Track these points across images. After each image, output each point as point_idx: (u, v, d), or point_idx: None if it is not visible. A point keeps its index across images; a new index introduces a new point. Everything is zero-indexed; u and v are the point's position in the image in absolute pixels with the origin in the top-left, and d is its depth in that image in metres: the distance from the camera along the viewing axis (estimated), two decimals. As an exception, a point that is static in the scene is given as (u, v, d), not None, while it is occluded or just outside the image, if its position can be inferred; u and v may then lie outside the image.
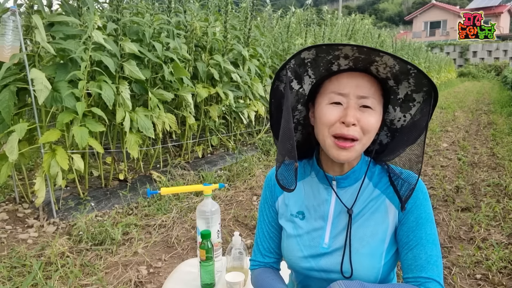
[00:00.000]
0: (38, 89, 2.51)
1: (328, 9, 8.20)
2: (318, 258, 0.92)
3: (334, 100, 0.84)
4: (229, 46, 4.39)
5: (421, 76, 0.81)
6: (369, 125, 0.83)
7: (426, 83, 0.82)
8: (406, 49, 14.34)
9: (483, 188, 3.82)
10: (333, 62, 0.85)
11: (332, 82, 0.86)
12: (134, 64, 3.10)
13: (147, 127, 3.16)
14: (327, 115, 0.84)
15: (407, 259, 0.86)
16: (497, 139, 6.15)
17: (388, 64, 0.81)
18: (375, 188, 0.92)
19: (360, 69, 0.84)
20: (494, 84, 19.96)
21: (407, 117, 0.91)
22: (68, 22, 2.81)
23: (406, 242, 0.87)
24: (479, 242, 2.69)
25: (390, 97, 0.90)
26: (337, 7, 17.88)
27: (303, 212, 0.96)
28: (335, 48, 0.80)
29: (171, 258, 2.51)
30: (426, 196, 0.90)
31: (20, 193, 3.22)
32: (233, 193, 3.61)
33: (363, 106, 0.84)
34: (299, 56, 0.84)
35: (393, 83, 0.87)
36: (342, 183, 0.93)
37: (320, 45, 0.80)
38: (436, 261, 0.84)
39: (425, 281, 0.83)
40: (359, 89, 0.83)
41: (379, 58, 0.80)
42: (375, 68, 0.84)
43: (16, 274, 2.20)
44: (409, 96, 0.88)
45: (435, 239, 0.87)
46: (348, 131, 0.82)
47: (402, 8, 61.90)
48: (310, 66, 0.88)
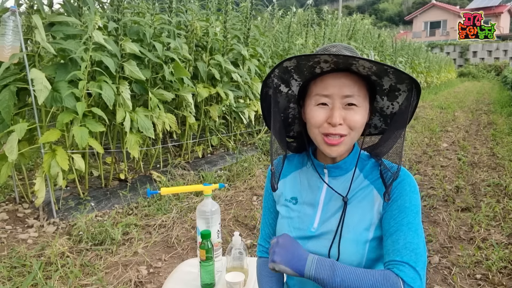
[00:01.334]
0: (38, 89, 2.51)
1: (328, 9, 8.20)
2: (305, 240, 0.96)
3: (320, 102, 0.89)
4: (229, 46, 4.39)
5: (399, 72, 0.86)
6: (355, 122, 0.88)
7: (406, 77, 0.87)
8: (406, 49, 14.32)
9: (483, 188, 3.82)
10: (315, 66, 0.90)
11: (317, 84, 0.91)
12: (135, 64, 3.10)
13: (147, 127, 3.16)
14: (314, 117, 0.90)
15: (386, 245, 0.88)
16: (497, 139, 6.15)
17: (365, 66, 0.85)
18: (365, 179, 0.96)
19: (342, 69, 0.89)
20: (494, 84, 19.96)
21: (395, 105, 0.97)
22: (68, 22, 2.81)
23: (387, 229, 0.89)
24: (479, 242, 2.69)
25: (376, 88, 0.95)
26: (337, 7, 17.86)
27: (296, 198, 1.02)
28: (314, 56, 0.85)
29: (171, 258, 2.51)
30: (413, 188, 0.92)
31: (20, 193, 3.22)
32: (233, 193, 3.61)
33: (348, 104, 0.88)
34: (281, 65, 0.91)
35: (375, 77, 0.91)
36: (333, 172, 0.98)
37: (300, 56, 0.85)
38: (415, 248, 0.84)
39: (397, 264, 0.83)
40: (343, 89, 0.87)
41: (355, 62, 0.84)
42: (356, 68, 0.88)
43: (16, 274, 2.20)
44: (393, 87, 0.93)
45: (417, 228, 0.87)
46: (335, 130, 0.88)
47: (402, 8, 61.89)
48: (294, 72, 0.94)
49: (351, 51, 0.93)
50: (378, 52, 10.39)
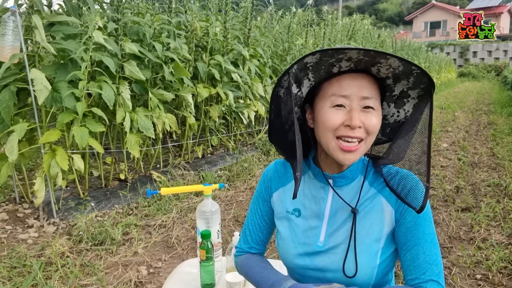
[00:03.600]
0: (38, 89, 2.51)
1: (328, 9, 8.19)
2: (313, 256, 0.92)
3: (337, 103, 0.83)
4: (229, 46, 4.39)
5: (422, 75, 0.81)
6: (373, 126, 0.83)
7: (426, 81, 0.82)
8: (406, 49, 14.34)
9: (483, 188, 3.82)
10: (334, 65, 0.83)
11: (333, 84, 0.84)
12: (135, 64, 3.10)
13: (147, 127, 3.16)
14: (331, 120, 0.83)
15: (406, 260, 0.86)
16: (497, 139, 6.15)
17: (392, 65, 0.80)
18: (371, 187, 0.92)
19: (360, 69, 0.83)
20: (494, 84, 19.96)
21: (401, 112, 0.92)
22: (68, 22, 2.81)
23: (404, 242, 0.87)
24: (479, 242, 2.69)
25: (386, 94, 0.90)
26: (337, 7, 17.88)
27: (299, 210, 0.96)
28: (341, 51, 0.78)
29: (171, 258, 2.51)
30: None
31: (20, 193, 3.22)
32: (233, 193, 3.61)
33: (366, 107, 0.83)
34: (302, 61, 0.82)
35: (391, 81, 0.86)
36: (339, 182, 0.92)
37: (326, 50, 0.77)
38: (435, 260, 0.84)
39: (424, 282, 0.83)
40: (362, 90, 0.82)
41: (384, 60, 0.79)
42: (376, 69, 0.83)
43: (16, 274, 2.20)
44: (404, 93, 0.88)
45: (433, 238, 0.86)
46: (353, 133, 0.82)
47: (402, 8, 61.88)
48: (311, 69, 0.86)
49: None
50: (378, 52, 10.37)
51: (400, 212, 0.88)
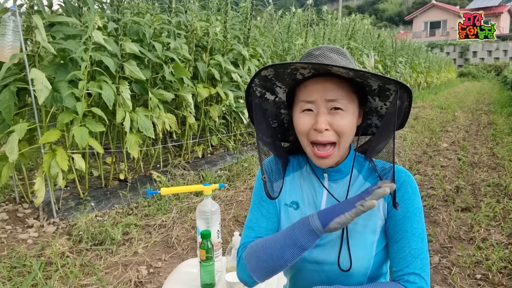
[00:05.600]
0: (38, 89, 2.51)
1: (328, 9, 8.19)
2: (310, 249, 0.92)
3: (305, 108, 0.87)
4: (229, 46, 4.39)
5: (377, 77, 0.82)
6: (342, 127, 0.85)
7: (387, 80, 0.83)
8: (406, 49, 14.32)
9: (483, 188, 3.82)
10: (295, 73, 0.87)
11: (301, 90, 0.88)
12: (135, 64, 3.10)
13: (147, 127, 3.16)
14: (300, 124, 0.88)
15: (392, 252, 0.88)
16: (497, 139, 6.15)
17: (342, 72, 0.82)
18: (366, 181, 0.94)
19: (323, 73, 0.86)
20: (494, 84, 19.96)
21: (388, 104, 0.93)
22: (68, 22, 2.82)
23: (392, 235, 0.89)
24: (479, 242, 2.69)
25: (366, 89, 0.91)
26: (337, 7, 17.88)
27: (297, 203, 0.97)
28: (288, 65, 0.82)
29: (171, 258, 2.51)
30: (415, 190, 0.91)
31: (20, 193, 3.22)
32: (233, 193, 3.61)
33: (333, 108, 0.85)
34: (259, 74, 0.88)
35: (360, 79, 0.87)
36: (334, 175, 0.95)
37: (275, 64, 0.83)
38: (420, 254, 0.85)
39: (405, 275, 0.84)
40: (326, 94, 0.85)
41: (330, 68, 0.80)
42: (336, 72, 0.84)
43: (16, 274, 2.20)
44: (383, 87, 0.89)
45: (421, 233, 0.87)
46: (322, 137, 0.85)
47: (402, 8, 61.89)
48: (275, 80, 0.91)
49: (337, 51, 0.90)
50: (378, 52, 10.39)
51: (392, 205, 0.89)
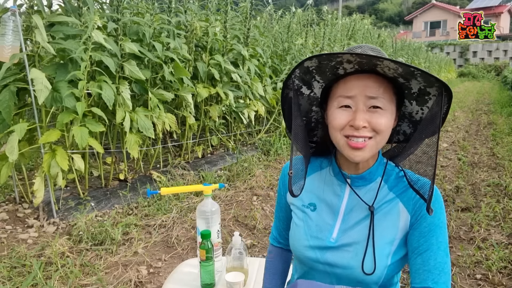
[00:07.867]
0: (38, 89, 2.51)
1: (328, 9, 8.19)
2: (324, 251, 0.92)
3: (343, 104, 0.85)
4: (228, 46, 4.39)
5: (427, 75, 0.80)
6: (380, 125, 0.84)
7: (435, 81, 0.81)
8: (406, 49, 14.33)
9: (483, 188, 3.82)
10: (338, 67, 0.85)
11: (340, 85, 0.86)
12: (134, 64, 3.10)
13: (147, 127, 3.16)
14: (336, 120, 0.86)
15: (416, 264, 0.86)
16: (497, 139, 6.15)
17: (390, 67, 0.81)
18: (390, 192, 0.92)
19: (366, 70, 0.84)
20: (494, 84, 19.96)
21: (425, 110, 0.91)
22: (68, 22, 2.81)
23: (416, 247, 0.87)
24: (479, 242, 2.69)
25: (405, 92, 0.89)
26: (337, 7, 17.88)
27: (315, 204, 0.97)
28: (334, 56, 0.80)
29: (171, 258, 2.51)
30: (440, 203, 0.89)
31: (20, 193, 3.22)
32: (233, 193, 3.61)
33: (372, 107, 0.83)
34: (302, 65, 0.86)
35: (402, 80, 0.86)
36: (356, 182, 0.93)
37: (321, 55, 0.80)
38: (444, 268, 0.83)
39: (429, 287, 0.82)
40: (366, 90, 0.83)
41: (380, 62, 0.79)
42: (381, 69, 0.83)
43: (16, 274, 2.20)
44: (423, 90, 0.87)
45: (446, 247, 0.86)
46: (359, 133, 0.83)
47: (402, 8, 61.87)
48: (316, 72, 0.89)
49: (378, 52, 0.88)
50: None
51: (416, 217, 0.88)
